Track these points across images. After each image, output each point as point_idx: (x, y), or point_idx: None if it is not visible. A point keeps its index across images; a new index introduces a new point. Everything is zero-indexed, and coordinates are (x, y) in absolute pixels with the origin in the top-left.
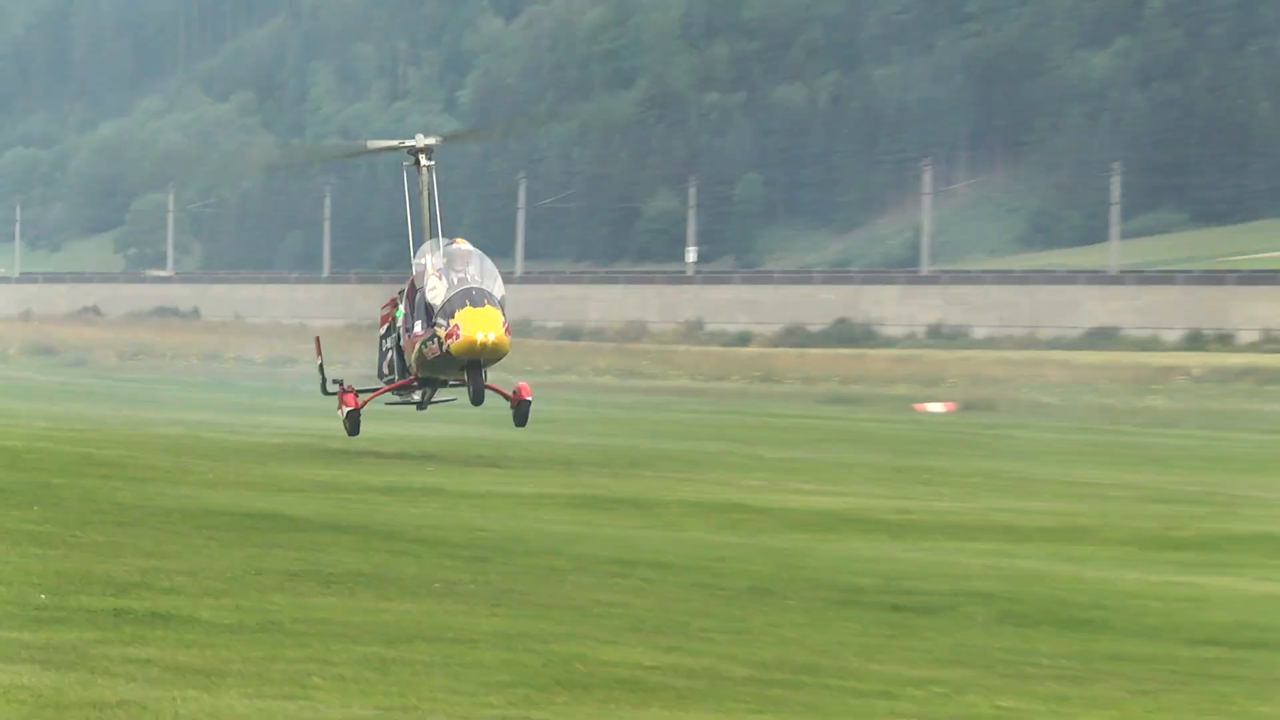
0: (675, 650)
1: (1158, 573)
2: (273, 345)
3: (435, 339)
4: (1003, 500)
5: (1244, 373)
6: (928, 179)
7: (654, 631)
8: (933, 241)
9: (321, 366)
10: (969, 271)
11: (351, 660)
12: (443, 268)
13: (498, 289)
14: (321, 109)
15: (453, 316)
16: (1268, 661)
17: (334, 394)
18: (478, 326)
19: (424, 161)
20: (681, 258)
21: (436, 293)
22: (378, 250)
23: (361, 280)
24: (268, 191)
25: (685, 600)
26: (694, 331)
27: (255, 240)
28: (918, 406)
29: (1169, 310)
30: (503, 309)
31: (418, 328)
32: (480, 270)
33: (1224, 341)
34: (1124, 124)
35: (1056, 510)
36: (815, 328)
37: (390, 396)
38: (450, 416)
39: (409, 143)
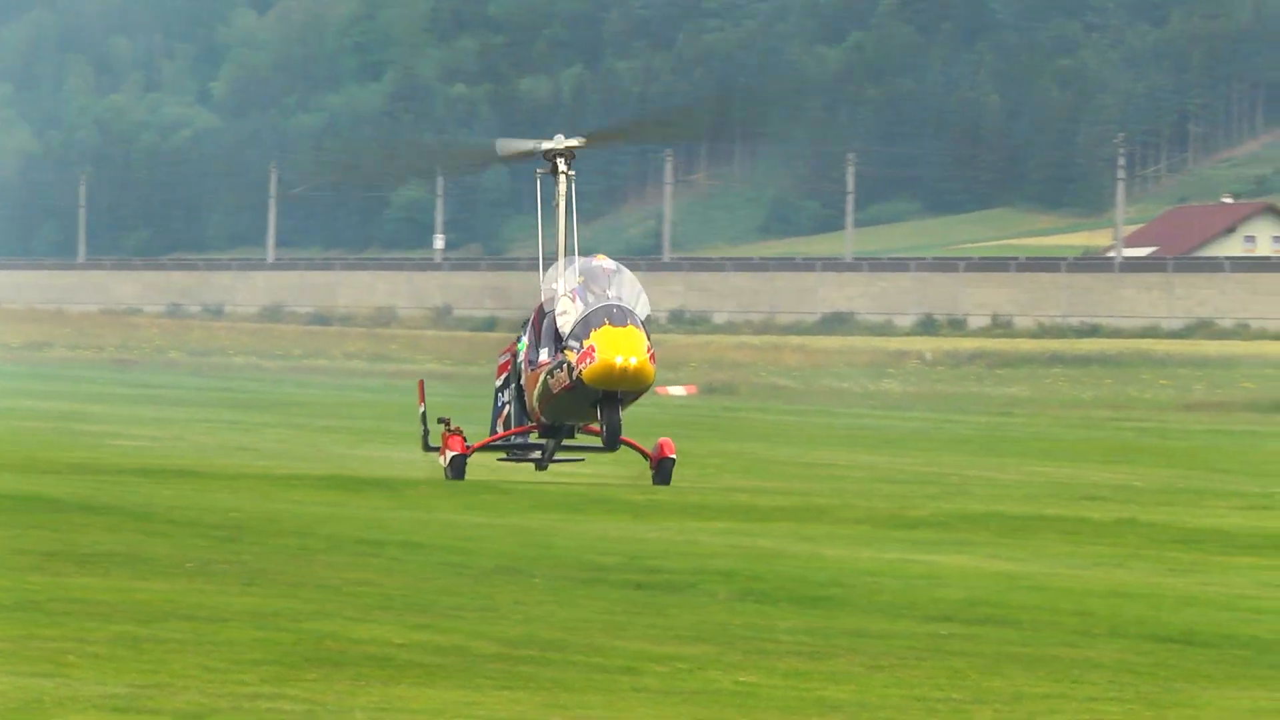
0: (425, 628)
1: (893, 551)
2: (28, 331)
3: (565, 365)
4: (742, 480)
5: (974, 356)
6: (669, 169)
7: (404, 609)
8: (674, 230)
9: (424, 416)
10: (710, 259)
11: (107, 639)
12: (578, 288)
13: (643, 309)
14: (78, 100)
15: (587, 337)
16: (999, 637)
17: (433, 450)
18: (617, 349)
19: (562, 168)
20: (429, 245)
21: (568, 317)
22: (133, 238)
23: (116, 266)
24: (24, 181)
25: (434, 579)
26: (442, 317)
27: (10, 227)
28: (660, 390)
29: (902, 296)
30: (648, 334)
31: (543, 356)
32: (625, 289)
33: (955, 326)
34: (859, 117)
35: (794, 490)
36: None
37: (499, 449)
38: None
39: (546, 145)
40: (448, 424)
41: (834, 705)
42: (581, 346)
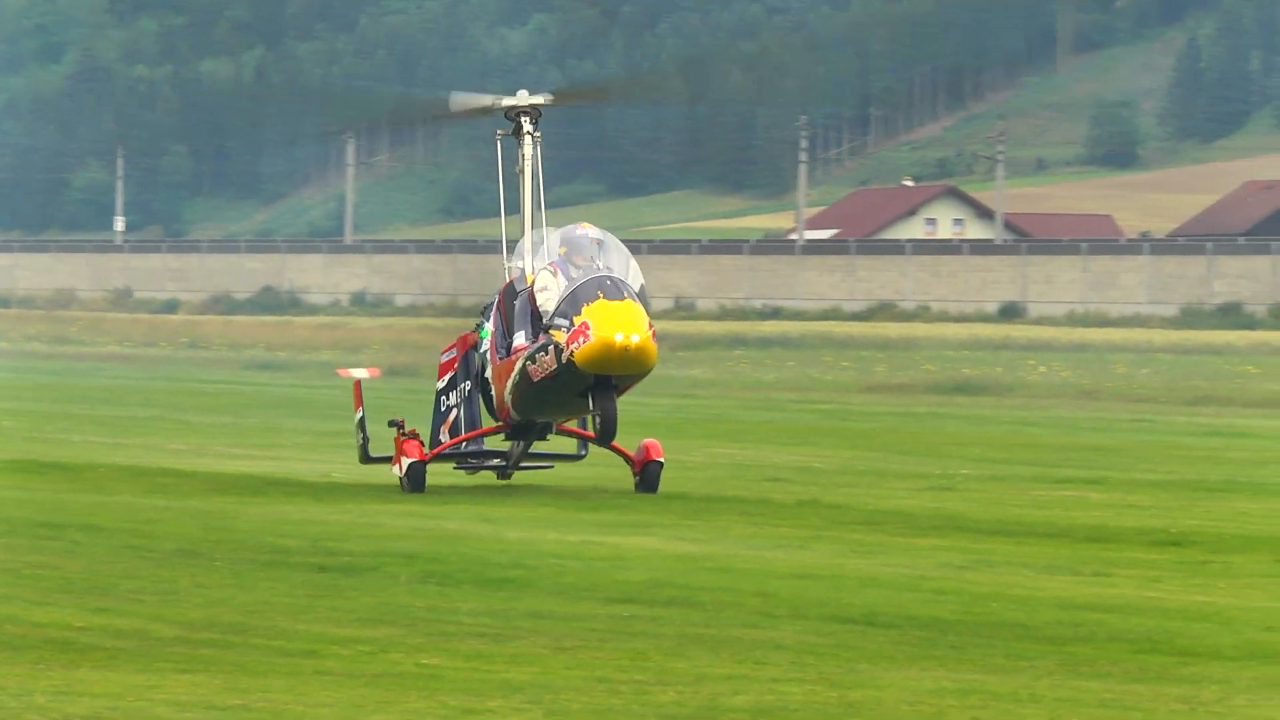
0: (105, 611)
1: (576, 533)
2: None
3: (550, 348)
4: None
5: (658, 339)
6: (351, 151)
7: (84, 593)
8: (356, 212)
9: (363, 422)
10: (392, 241)
11: None
12: (559, 260)
13: (634, 280)
14: None
15: (578, 313)
16: (682, 619)
17: (378, 460)
18: (615, 325)
19: (527, 128)
20: (110, 227)
21: (549, 293)
22: None
23: None
24: None
25: (115, 562)
26: (123, 299)
27: None
28: (342, 372)
29: None
30: (647, 308)
31: (519, 340)
32: (613, 258)
33: None
34: None
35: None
36: (242, 295)
37: (459, 457)
38: None
39: (508, 101)
40: (401, 427)
41: (517, 687)
42: (571, 324)
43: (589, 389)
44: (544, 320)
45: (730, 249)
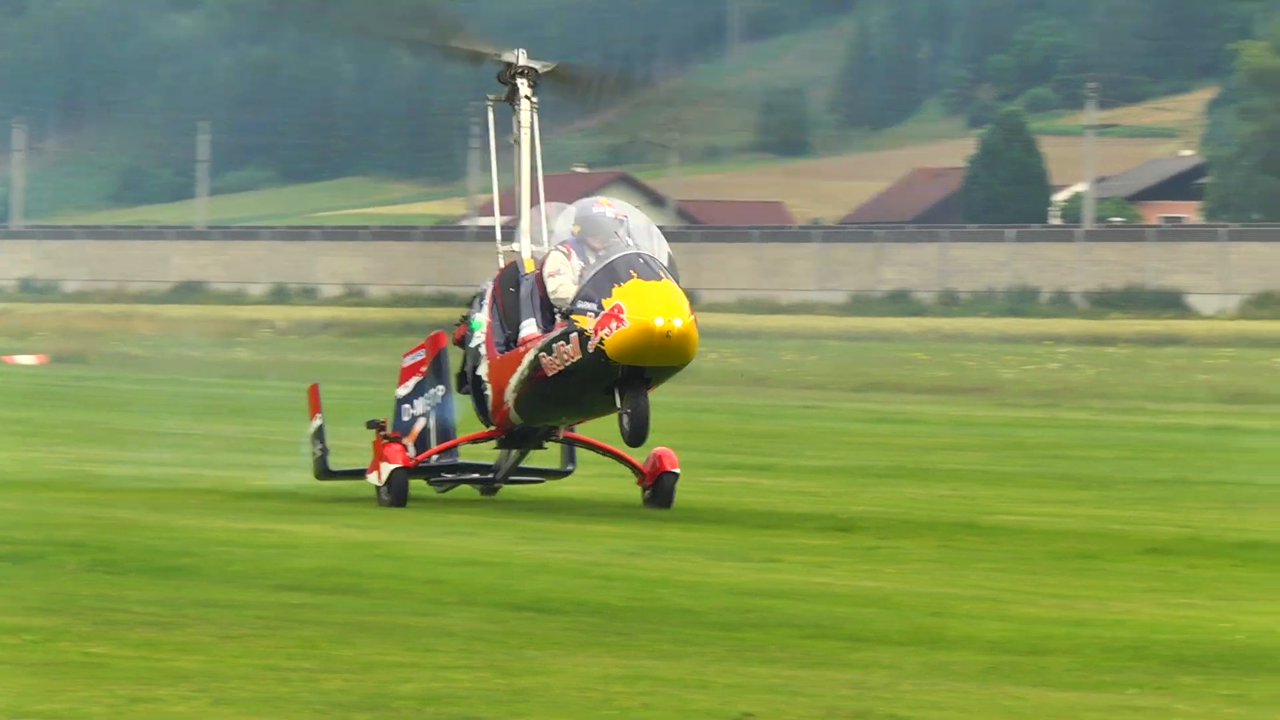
0: None
1: (246, 521)
2: None
3: (573, 335)
4: (96, 451)
5: (328, 325)
6: (19, 136)
7: None
8: (24, 197)
9: (321, 431)
10: (60, 227)
11: None
12: (572, 240)
13: (666, 258)
14: None
15: (608, 295)
16: (351, 606)
17: (340, 474)
18: (655, 308)
19: (525, 92)
20: None
21: (563, 277)
22: None
23: None
24: None
25: None
26: None
27: None
28: (7, 359)
29: (254, 265)
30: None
31: (529, 329)
32: (639, 237)
33: (308, 295)
34: (211, 84)
35: (147, 460)
36: None
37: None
38: None
39: (507, 56)
40: (382, 428)
41: (184, 675)
42: (600, 308)
43: (614, 384)
44: (561, 306)
45: (400, 235)
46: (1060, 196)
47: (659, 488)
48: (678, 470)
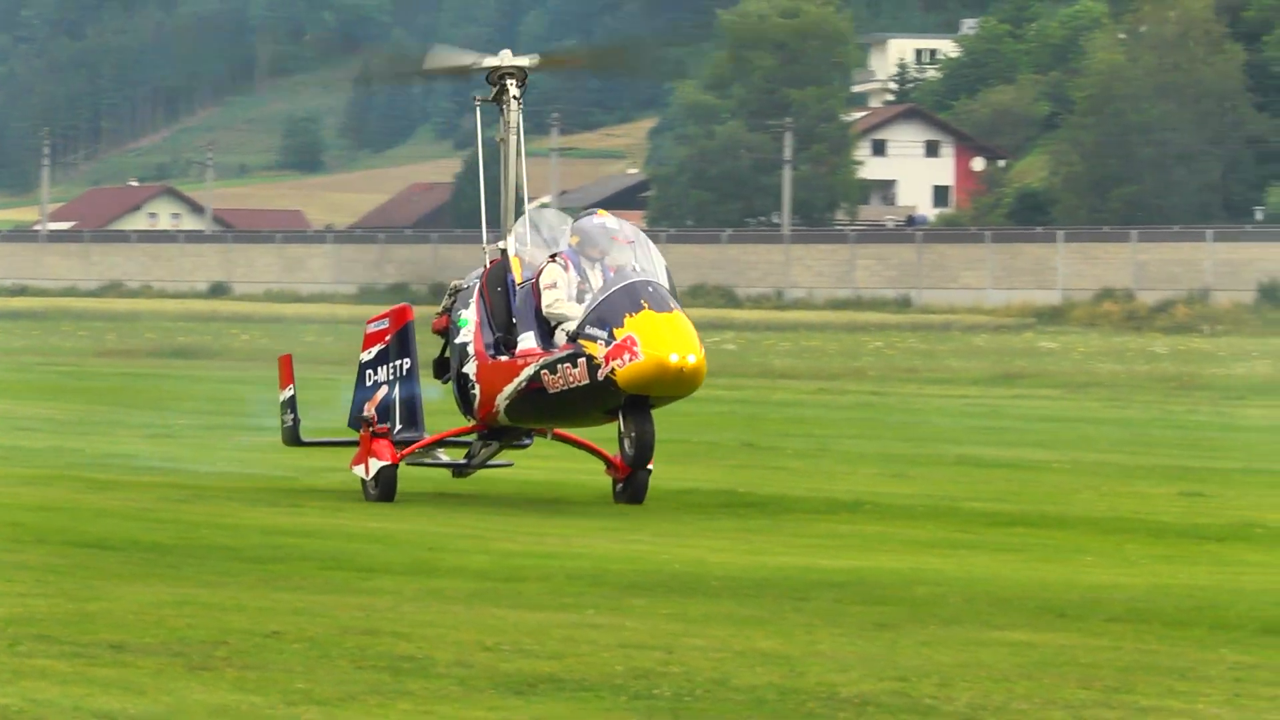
0: None
1: None
2: None
3: (581, 360)
4: None
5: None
6: None
7: None
8: None
9: (293, 400)
10: None
11: None
12: (569, 251)
13: (666, 279)
14: None
15: (619, 325)
16: None
17: (311, 444)
18: (670, 344)
19: (513, 92)
20: None
21: (559, 291)
22: None
23: None
24: None
25: None
26: None
27: None
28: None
29: None
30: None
31: (528, 343)
32: (641, 258)
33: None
34: None
35: None
36: None
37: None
38: None
39: (490, 61)
40: (371, 424)
41: None
42: (611, 337)
43: (619, 410)
44: (563, 326)
45: None
46: (531, 206)
47: (632, 483)
48: (651, 467)
